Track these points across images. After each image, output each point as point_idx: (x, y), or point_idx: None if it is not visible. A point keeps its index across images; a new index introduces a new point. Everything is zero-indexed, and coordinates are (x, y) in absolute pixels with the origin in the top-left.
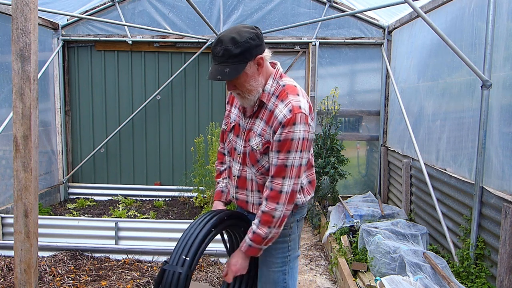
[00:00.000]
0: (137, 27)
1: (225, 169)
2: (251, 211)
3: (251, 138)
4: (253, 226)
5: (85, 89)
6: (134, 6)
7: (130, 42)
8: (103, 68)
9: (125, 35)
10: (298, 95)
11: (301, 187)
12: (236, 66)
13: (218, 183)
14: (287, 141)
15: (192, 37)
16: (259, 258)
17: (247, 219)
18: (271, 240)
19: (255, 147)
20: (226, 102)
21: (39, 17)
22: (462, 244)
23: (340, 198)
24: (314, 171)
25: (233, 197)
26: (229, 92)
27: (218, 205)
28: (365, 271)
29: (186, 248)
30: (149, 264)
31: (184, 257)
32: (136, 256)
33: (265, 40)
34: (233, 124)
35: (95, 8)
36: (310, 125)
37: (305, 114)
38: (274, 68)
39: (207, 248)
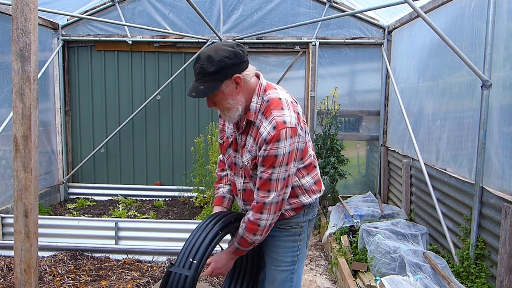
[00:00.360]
0: (137, 27)
1: (226, 175)
2: None
3: (244, 155)
4: (240, 230)
5: (85, 89)
6: (134, 6)
7: (130, 42)
8: (103, 68)
9: (125, 35)
10: (282, 109)
11: (305, 189)
12: (210, 84)
13: (218, 188)
14: (271, 157)
15: (192, 37)
16: (267, 257)
17: None
18: (256, 244)
19: (246, 164)
20: (219, 115)
21: (39, 17)
22: (462, 244)
23: (340, 198)
24: (318, 171)
25: (243, 209)
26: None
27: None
28: (365, 271)
29: (193, 251)
30: (149, 264)
31: (191, 260)
32: (136, 256)
33: (265, 40)
34: (231, 139)
35: (95, 8)
36: (299, 135)
37: (290, 127)
38: (259, 80)
39: None
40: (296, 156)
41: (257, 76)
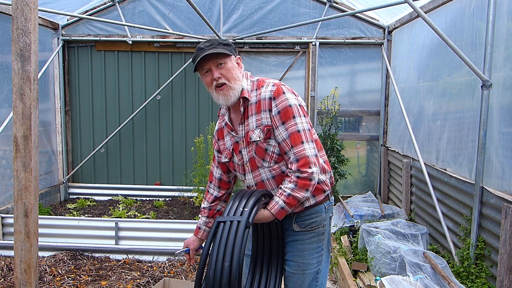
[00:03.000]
0: (137, 27)
1: (204, 208)
2: None
3: (252, 135)
4: (287, 190)
5: (85, 89)
6: (134, 6)
7: (130, 42)
8: (103, 68)
9: (125, 35)
10: (271, 80)
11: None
12: (226, 49)
13: (200, 218)
14: (286, 108)
15: (192, 37)
16: (290, 263)
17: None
18: (301, 204)
19: (257, 139)
20: (215, 141)
21: (39, 17)
22: (462, 244)
23: (340, 198)
24: (324, 152)
25: None
26: (218, 113)
27: (195, 241)
28: (365, 271)
29: (242, 203)
30: (149, 264)
31: (242, 209)
32: (136, 256)
33: (265, 40)
34: (232, 147)
35: (95, 8)
36: (297, 96)
37: (287, 87)
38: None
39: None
40: (304, 112)
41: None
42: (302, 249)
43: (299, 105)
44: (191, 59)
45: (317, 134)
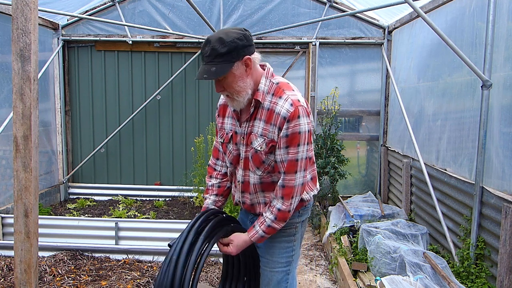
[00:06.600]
0: (137, 27)
1: (212, 185)
2: (257, 212)
3: (253, 141)
4: (267, 221)
5: (85, 89)
6: (134, 6)
7: (130, 42)
8: (103, 68)
9: (125, 35)
10: (293, 90)
11: None
12: (222, 65)
13: (205, 199)
14: (295, 134)
15: (192, 37)
16: (261, 259)
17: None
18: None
19: (258, 148)
20: (216, 115)
21: (39, 17)
22: (462, 244)
23: (340, 198)
24: (315, 167)
25: (239, 201)
26: (217, 103)
27: None
28: (365, 271)
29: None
30: (149, 264)
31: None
32: (136, 256)
33: (265, 40)
34: (230, 134)
35: (95, 8)
36: (310, 118)
37: (304, 107)
38: (264, 69)
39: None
40: (311, 138)
41: (262, 67)
42: (271, 246)
43: (308, 131)
44: (191, 59)
45: (317, 134)
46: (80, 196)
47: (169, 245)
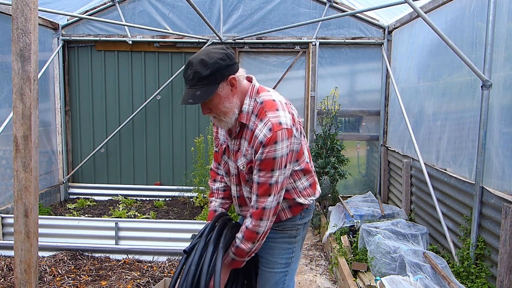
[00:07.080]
0: (137, 27)
1: (217, 188)
2: None
3: (239, 159)
4: (237, 241)
5: (85, 89)
6: (134, 6)
7: (130, 42)
8: (103, 68)
9: (125, 35)
10: (277, 110)
11: (300, 191)
12: (207, 88)
13: (211, 201)
14: (269, 160)
15: (192, 37)
16: (261, 259)
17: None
18: (253, 253)
19: (241, 168)
20: (212, 123)
21: (39, 17)
22: (462, 244)
23: (340, 198)
24: (313, 174)
25: (239, 214)
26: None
27: None
28: (365, 271)
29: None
30: (149, 264)
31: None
32: (136, 256)
33: (265, 40)
34: (224, 146)
35: (95, 8)
36: (294, 136)
37: (286, 129)
38: (251, 83)
39: None
40: (292, 158)
41: (249, 80)
42: (272, 246)
43: (286, 154)
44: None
45: (317, 134)
46: (80, 196)
47: (184, 251)
